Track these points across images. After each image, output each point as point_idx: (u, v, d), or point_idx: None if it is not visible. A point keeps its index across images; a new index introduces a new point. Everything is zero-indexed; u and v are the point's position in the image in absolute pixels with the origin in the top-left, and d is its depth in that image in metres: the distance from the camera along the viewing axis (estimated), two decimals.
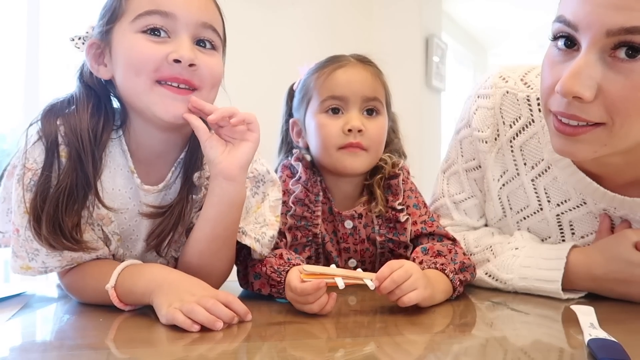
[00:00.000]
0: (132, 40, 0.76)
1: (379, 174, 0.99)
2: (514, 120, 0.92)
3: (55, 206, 0.75)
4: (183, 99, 0.77)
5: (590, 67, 0.68)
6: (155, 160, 0.84)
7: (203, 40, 0.80)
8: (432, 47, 3.41)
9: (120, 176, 0.83)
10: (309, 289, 0.72)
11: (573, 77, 0.68)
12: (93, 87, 0.81)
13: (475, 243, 0.98)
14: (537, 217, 0.95)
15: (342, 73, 0.97)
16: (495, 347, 0.65)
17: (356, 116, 0.95)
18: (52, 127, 0.77)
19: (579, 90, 0.68)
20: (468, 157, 1.00)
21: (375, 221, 0.98)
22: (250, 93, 1.95)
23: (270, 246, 0.87)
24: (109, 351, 0.62)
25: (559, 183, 0.90)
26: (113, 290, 0.75)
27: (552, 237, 0.95)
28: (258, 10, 2.47)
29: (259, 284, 0.84)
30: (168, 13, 0.76)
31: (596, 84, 0.68)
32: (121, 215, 0.84)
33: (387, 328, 0.71)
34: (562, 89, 0.69)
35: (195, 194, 0.84)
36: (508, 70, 0.95)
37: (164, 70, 0.76)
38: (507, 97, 0.92)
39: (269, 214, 0.89)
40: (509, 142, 0.94)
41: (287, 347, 0.62)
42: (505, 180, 0.96)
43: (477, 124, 0.96)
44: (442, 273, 0.84)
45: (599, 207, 0.88)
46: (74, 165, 0.77)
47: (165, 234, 0.82)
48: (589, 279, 0.84)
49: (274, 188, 0.91)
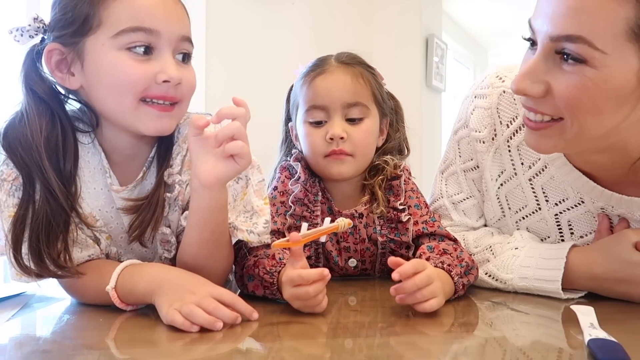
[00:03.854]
0: (116, 59, 0.75)
1: (381, 175, 0.99)
2: (511, 120, 0.93)
3: (36, 240, 0.74)
4: (168, 115, 0.79)
5: (537, 67, 0.74)
6: (129, 160, 0.85)
7: (182, 53, 0.80)
8: (432, 47, 3.41)
9: (100, 176, 0.83)
10: (314, 275, 0.71)
11: (522, 76, 0.76)
12: (43, 97, 0.78)
13: (475, 243, 0.98)
14: (536, 216, 0.95)
15: (322, 81, 0.96)
16: (495, 347, 0.65)
17: (338, 124, 0.95)
18: (17, 155, 0.76)
19: (526, 88, 0.75)
20: (466, 158, 1.01)
21: (377, 222, 0.98)
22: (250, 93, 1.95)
23: (268, 232, 0.86)
24: (109, 351, 0.62)
25: (556, 182, 0.91)
26: (114, 291, 0.75)
27: (551, 237, 0.95)
28: (258, 10, 2.47)
29: (253, 286, 0.84)
30: (152, 30, 0.75)
31: (544, 82, 0.74)
32: (106, 213, 0.85)
33: (387, 328, 0.71)
34: (513, 87, 0.77)
35: (169, 192, 0.83)
36: (505, 69, 0.96)
37: (151, 90, 0.76)
38: (504, 97, 0.94)
39: (255, 199, 0.87)
40: (506, 142, 0.94)
41: (286, 348, 0.62)
42: (503, 180, 0.97)
43: (475, 124, 0.97)
44: (447, 274, 0.83)
45: (596, 205, 0.88)
46: (44, 196, 0.76)
47: (146, 226, 0.82)
48: (589, 279, 0.84)
49: (253, 170, 0.89)
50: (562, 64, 0.72)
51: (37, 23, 0.79)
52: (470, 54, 5.23)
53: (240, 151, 0.73)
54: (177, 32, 0.78)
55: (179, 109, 0.81)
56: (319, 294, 0.73)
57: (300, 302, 0.74)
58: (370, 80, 0.99)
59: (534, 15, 0.76)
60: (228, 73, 2.30)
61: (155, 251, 0.89)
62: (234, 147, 0.72)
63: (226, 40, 2.32)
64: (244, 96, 0.76)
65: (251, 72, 2.37)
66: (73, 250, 0.79)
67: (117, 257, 0.87)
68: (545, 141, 0.79)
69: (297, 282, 0.73)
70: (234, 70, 2.34)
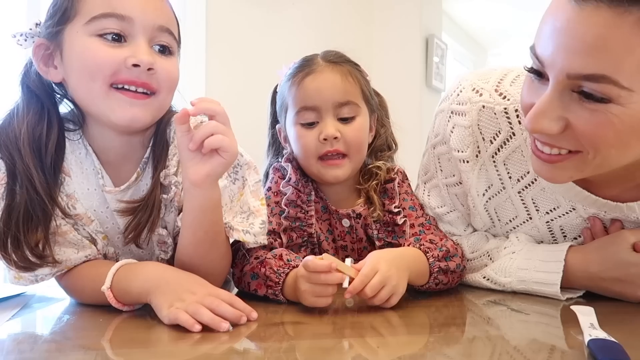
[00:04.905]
0: (87, 44, 0.74)
1: (375, 180, 0.99)
2: (494, 136, 0.89)
3: (16, 228, 0.75)
4: (141, 104, 0.76)
5: (554, 105, 0.69)
6: (122, 160, 0.84)
7: (160, 45, 0.79)
8: (432, 47, 3.41)
9: (93, 176, 0.83)
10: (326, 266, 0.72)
11: (537, 115, 0.70)
12: (36, 92, 0.79)
13: (471, 249, 0.97)
14: (527, 225, 0.93)
15: (311, 81, 0.95)
16: (494, 347, 0.65)
17: (330, 124, 0.94)
18: None
19: (544, 128, 0.70)
20: (447, 173, 0.97)
21: (374, 226, 0.98)
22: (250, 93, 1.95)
23: (264, 232, 0.86)
24: (108, 351, 0.62)
25: (547, 193, 0.89)
26: (109, 291, 0.75)
27: (544, 242, 0.94)
28: (258, 10, 2.47)
29: (256, 284, 0.84)
30: (124, 16, 0.74)
31: (562, 118, 0.69)
32: (101, 214, 0.84)
33: (386, 328, 0.71)
34: (529, 126, 0.71)
35: (166, 193, 0.83)
36: (480, 80, 0.91)
37: (121, 74, 0.74)
38: (484, 112, 0.88)
39: (252, 199, 0.87)
40: (491, 158, 0.90)
41: (284, 348, 0.62)
42: (491, 195, 0.94)
43: (456, 144, 0.91)
44: (423, 255, 0.85)
45: (588, 211, 0.87)
46: (25, 186, 0.76)
47: (142, 228, 0.81)
48: (586, 278, 0.85)
49: (250, 171, 0.88)
50: (582, 101, 0.67)
51: (39, 28, 0.80)
52: (470, 54, 5.23)
53: (220, 144, 0.72)
54: (152, 20, 0.76)
55: (155, 100, 0.78)
56: (329, 286, 0.74)
57: (308, 286, 0.75)
58: (358, 78, 0.99)
59: (541, 43, 0.69)
60: (228, 73, 2.30)
61: (152, 252, 0.89)
62: (214, 141, 0.72)
63: (226, 40, 2.32)
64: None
65: (251, 72, 2.36)
66: (60, 247, 0.79)
67: (114, 258, 0.87)
68: (562, 173, 0.75)
69: (309, 268, 0.74)
70: (234, 70, 2.34)
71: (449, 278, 0.88)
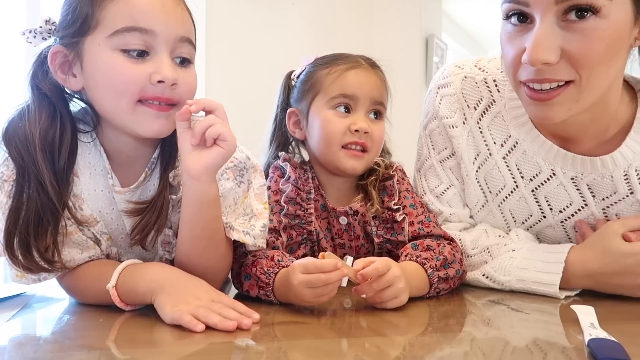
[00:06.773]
0: (111, 61, 0.74)
1: (373, 176, 1.00)
2: (477, 102, 0.98)
3: (25, 232, 0.75)
4: (165, 115, 0.78)
5: (549, 34, 0.75)
6: (132, 162, 0.84)
7: (181, 57, 0.79)
8: (432, 47, 3.41)
9: (101, 177, 0.83)
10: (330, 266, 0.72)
11: (537, 47, 0.76)
12: (47, 94, 0.79)
13: (472, 245, 0.97)
14: (515, 196, 0.97)
15: (355, 74, 0.98)
16: (494, 347, 0.65)
17: (363, 118, 0.97)
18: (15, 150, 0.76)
19: (545, 57, 0.75)
20: (440, 148, 1.02)
21: (373, 222, 0.99)
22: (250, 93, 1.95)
23: (264, 235, 0.86)
24: (109, 351, 0.62)
25: (528, 157, 0.94)
26: (114, 290, 0.75)
27: (533, 216, 0.97)
28: (258, 10, 2.47)
29: (248, 285, 0.84)
30: (148, 30, 0.74)
31: (558, 47, 0.75)
32: (107, 215, 0.84)
33: (384, 328, 0.71)
34: (530, 59, 0.76)
35: (174, 194, 0.83)
36: (461, 60, 1.02)
37: (147, 91, 0.75)
38: (466, 81, 0.99)
39: (255, 202, 0.88)
40: (477, 124, 0.98)
41: (282, 348, 0.62)
42: (480, 162, 0.99)
43: (444, 112, 1.00)
44: (421, 267, 0.85)
45: (567, 176, 0.91)
46: (36, 189, 0.75)
47: (149, 229, 0.81)
48: (585, 276, 0.85)
49: (256, 174, 0.89)
50: (571, 25, 0.74)
51: (49, 25, 0.79)
52: (470, 54, 5.23)
53: (220, 131, 0.74)
54: (174, 33, 0.77)
55: (177, 110, 0.79)
56: (330, 285, 0.73)
57: (309, 290, 0.74)
58: (388, 89, 1.03)
59: None
60: (228, 73, 2.30)
61: (155, 252, 0.89)
62: (214, 131, 0.74)
63: (226, 40, 2.32)
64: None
65: (251, 72, 2.37)
66: (64, 248, 0.79)
67: (117, 258, 0.87)
68: (559, 109, 0.80)
69: (311, 270, 0.73)
70: (234, 70, 2.34)
71: (449, 284, 0.88)
